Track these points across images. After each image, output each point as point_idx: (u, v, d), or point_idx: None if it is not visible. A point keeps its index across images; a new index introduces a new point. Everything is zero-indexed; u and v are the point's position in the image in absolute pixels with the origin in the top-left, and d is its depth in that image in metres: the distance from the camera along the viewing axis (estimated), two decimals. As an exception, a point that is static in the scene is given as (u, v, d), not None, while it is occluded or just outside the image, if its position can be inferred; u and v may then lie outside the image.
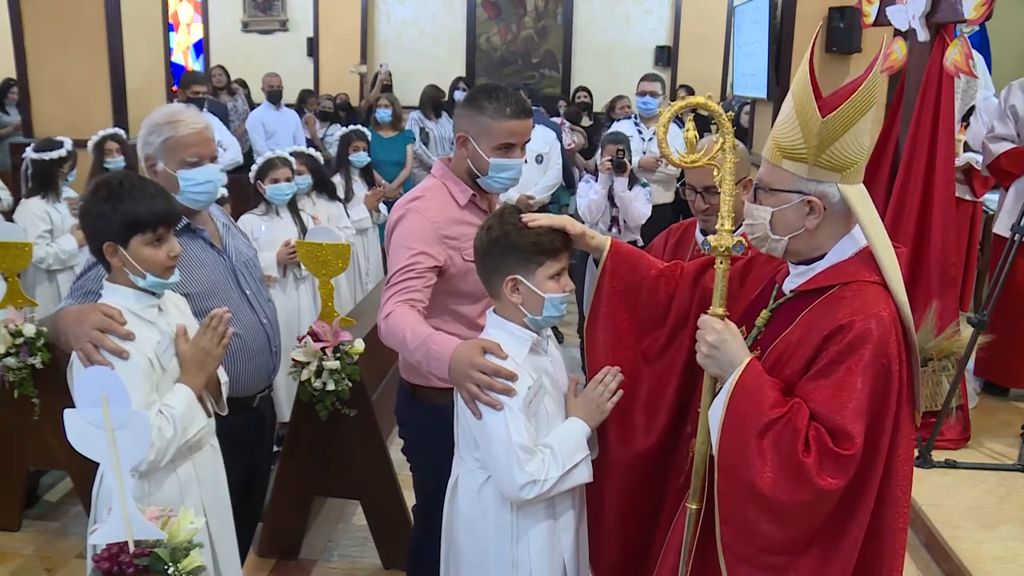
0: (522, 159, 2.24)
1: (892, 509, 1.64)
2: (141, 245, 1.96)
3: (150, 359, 1.97)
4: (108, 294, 2.02)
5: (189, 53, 10.44)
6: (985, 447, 3.74)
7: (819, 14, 5.27)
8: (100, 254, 1.99)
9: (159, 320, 2.04)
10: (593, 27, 10.81)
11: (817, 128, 1.61)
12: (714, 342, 1.69)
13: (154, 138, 2.32)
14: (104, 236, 1.96)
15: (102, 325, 1.90)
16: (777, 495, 1.56)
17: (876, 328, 1.56)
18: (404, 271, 2.14)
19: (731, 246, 1.72)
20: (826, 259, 1.70)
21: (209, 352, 2.06)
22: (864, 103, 1.61)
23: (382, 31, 11.13)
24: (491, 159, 2.18)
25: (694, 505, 1.79)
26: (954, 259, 3.73)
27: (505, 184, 2.25)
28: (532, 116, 2.23)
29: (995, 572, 2.89)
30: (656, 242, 2.56)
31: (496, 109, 2.15)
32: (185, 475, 2.07)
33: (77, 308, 2.01)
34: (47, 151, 4.38)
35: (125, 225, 1.94)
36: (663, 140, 1.76)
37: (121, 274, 2.00)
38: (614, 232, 4.74)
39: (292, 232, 3.97)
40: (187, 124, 2.32)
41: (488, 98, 2.17)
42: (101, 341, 1.89)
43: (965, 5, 3.36)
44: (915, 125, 3.65)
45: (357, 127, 5.48)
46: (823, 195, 1.65)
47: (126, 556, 1.77)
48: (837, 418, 1.55)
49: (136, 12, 5.79)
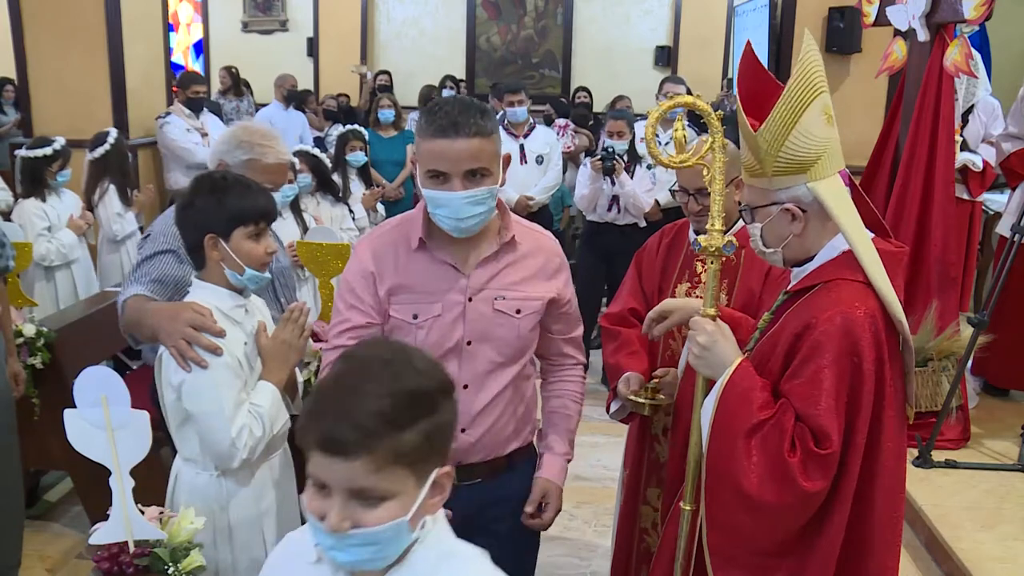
0: (462, 192, 1.71)
1: (878, 512, 1.63)
2: (243, 239, 1.94)
3: (239, 358, 1.95)
4: (198, 291, 1.99)
5: (189, 53, 10.43)
6: (985, 447, 3.74)
7: (819, 14, 5.27)
8: (196, 249, 1.96)
9: (245, 321, 2.01)
10: (593, 27, 10.80)
11: (755, 143, 1.65)
12: (705, 343, 1.69)
13: (239, 153, 2.32)
14: (206, 229, 1.92)
15: (196, 322, 1.87)
16: (763, 496, 1.56)
17: (842, 324, 1.56)
18: (338, 330, 1.88)
19: (721, 246, 1.73)
20: (815, 259, 1.70)
21: (291, 345, 2.03)
22: (799, 101, 1.61)
23: (382, 31, 11.13)
24: (424, 189, 1.76)
25: (688, 506, 1.79)
26: (954, 259, 3.73)
27: (448, 225, 1.77)
28: (472, 135, 1.70)
29: (995, 572, 2.89)
30: (650, 243, 2.56)
31: (423, 126, 1.73)
32: (262, 477, 2.02)
33: (170, 305, 2.00)
34: (37, 148, 4.38)
35: (230, 218, 1.92)
36: (651, 140, 1.76)
37: (216, 270, 1.97)
38: (615, 212, 4.70)
39: (294, 233, 3.96)
40: (275, 153, 2.35)
41: (426, 112, 1.76)
42: (196, 338, 1.86)
43: (965, 5, 3.36)
44: (915, 125, 3.66)
45: (354, 127, 5.48)
46: (796, 199, 1.66)
47: (126, 556, 1.78)
48: (813, 417, 1.56)
49: (136, 12, 5.79)
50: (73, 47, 5.57)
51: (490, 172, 1.76)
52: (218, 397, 1.86)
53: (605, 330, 2.43)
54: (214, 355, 1.87)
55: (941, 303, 3.59)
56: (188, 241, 1.98)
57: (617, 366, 2.30)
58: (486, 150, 1.74)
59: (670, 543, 1.87)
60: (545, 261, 1.93)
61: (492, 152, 1.76)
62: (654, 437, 2.34)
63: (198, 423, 1.90)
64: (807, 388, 1.57)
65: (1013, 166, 4.21)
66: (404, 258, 1.86)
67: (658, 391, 2.19)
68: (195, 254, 1.98)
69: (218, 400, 1.86)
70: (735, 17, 7.25)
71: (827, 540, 1.61)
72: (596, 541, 3.39)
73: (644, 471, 2.37)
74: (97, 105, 5.57)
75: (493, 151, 1.77)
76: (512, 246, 1.88)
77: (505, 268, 1.87)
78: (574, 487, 3.83)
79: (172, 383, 1.90)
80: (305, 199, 4.41)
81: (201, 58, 10.38)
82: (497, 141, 1.79)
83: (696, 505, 1.77)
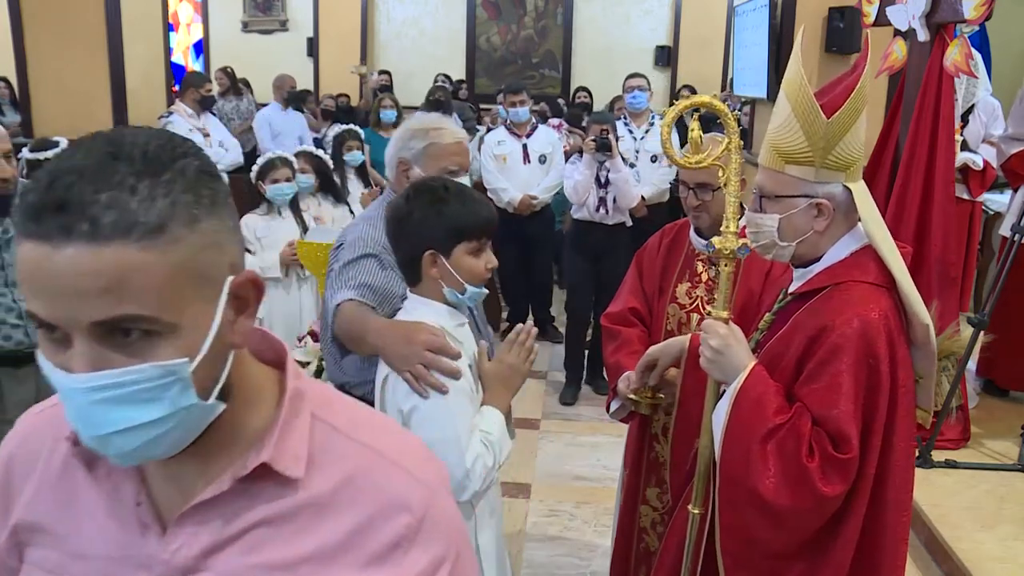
0: (84, 375, 0.73)
1: (890, 514, 1.63)
2: (464, 254, 1.79)
3: (471, 382, 1.82)
4: (418, 308, 1.84)
5: (189, 53, 10.44)
6: (985, 447, 3.74)
7: (819, 14, 5.27)
8: (412, 263, 1.82)
9: (467, 341, 1.87)
10: (593, 27, 10.81)
11: (823, 130, 1.60)
12: (718, 347, 1.67)
13: (415, 143, 2.24)
14: (426, 244, 1.78)
15: (433, 345, 1.74)
16: (779, 500, 1.55)
17: (860, 328, 1.56)
18: None
19: (736, 249, 1.69)
20: (822, 261, 1.69)
21: (517, 369, 1.87)
22: (862, 101, 1.62)
23: (382, 31, 11.13)
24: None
25: (697, 510, 1.77)
26: (954, 259, 3.73)
27: (89, 443, 0.80)
28: (94, 238, 0.70)
29: (995, 572, 2.89)
30: (650, 242, 2.56)
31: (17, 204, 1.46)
32: (480, 509, 1.88)
33: (398, 324, 1.85)
34: (41, 151, 4.37)
35: (452, 233, 1.77)
36: (667, 140, 1.73)
37: (433, 286, 1.82)
38: (602, 212, 4.71)
39: (294, 232, 3.97)
40: (451, 133, 2.26)
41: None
42: (436, 363, 1.73)
43: (965, 5, 3.36)
44: (915, 125, 3.65)
45: (350, 126, 5.48)
46: (831, 196, 1.64)
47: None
48: (832, 422, 1.55)
49: (136, 12, 5.79)
50: (73, 47, 5.56)
51: (166, 326, 0.74)
52: (454, 424, 1.72)
53: (606, 329, 2.43)
54: (453, 379, 1.74)
55: (941, 303, 3.55)
56: (403, 254, 1.84)
57: (617, 365, 2.29)
58: (148, 271, 0.72)
59: (673, 546, 1.86)
60: (368, 524, 0.86)
61: (167, 276, 0.73)
62: (654, 437, 2.33)
63: None
64: (825, 392, 1.56)
65: (1014, 167, 4.21)
66: (52, 467, 0.91)
67: (658, 390, 2.19)
68: (409, 268, 1.84)
69: (453, 427, 1.72)
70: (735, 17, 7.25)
71: (842, 541, 1.60)
72: (596, 541, 3.38)
73: (644, 471, 2.37)
74: (97, 105, 5.57)
75: (172, 272, 0.74)
76: (282, 484, 0.85)
77: (257, 530, 0.84)
78: (574, 487, 3.84)
79: (402, 409, 1.76)
80: (307, 199, 4.41)
81: (201, 58, 10.39)
82: (204, 242, 0.76)
83: (705, 509, 1.75)
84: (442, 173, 2.17)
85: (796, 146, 1.63)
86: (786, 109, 1.64)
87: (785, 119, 1.64)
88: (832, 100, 1.62)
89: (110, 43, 5.58)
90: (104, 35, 5.56)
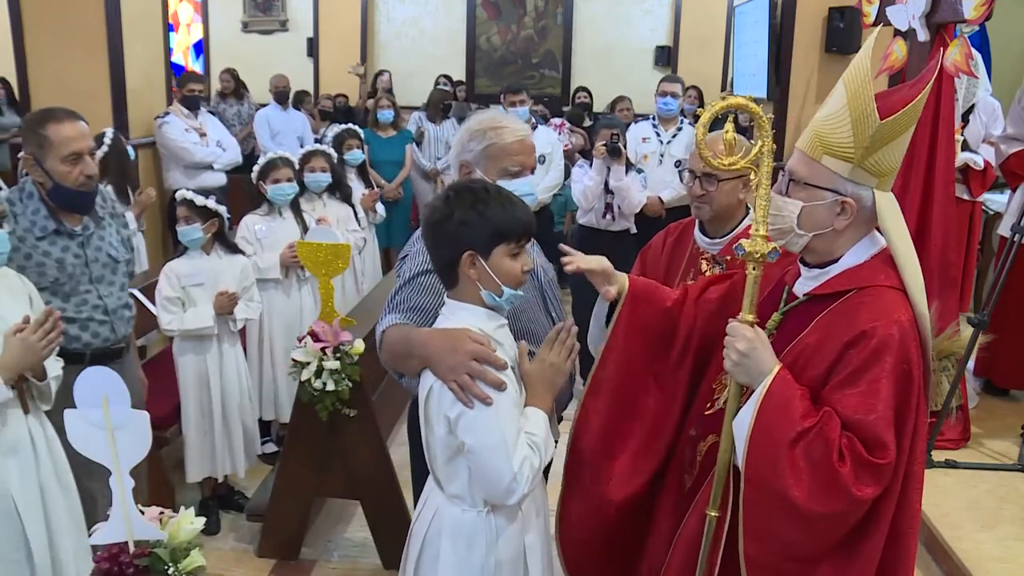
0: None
1: (907, 512, 1.64)
2: (503, 256, 1.79)
3: (515, 386, 1.82)
4: (457, 313, 1.84)
5: (189, 53, 10.43)
6: (985, 447, 3.74)
7: (819, 14, 5.27)
8: (450, 266, 1.81)
9: (507, 341, 1.87)
10: (593, 27, 10.80)
11: (873, 130, 1.58)
12: (744, 350, 1.65)
13: (475, 144, 2.17)
14: (466, 245, 1.77)
15: (478, 355, 1.74)
16: (811, 506, 1.54)
17: (898, 334, 1.56)
18: None
19: (766, 252, 1.66)
20: (840, 263, 1.68)
21: (558, 368, 1.86)
22: (916, 113, 1.61)
23: (382, 31, 11.12)
24: None
25: (714, 512, 1.75)
26: (954, 259, 3.73)
27: None
28: None
29: (995, 572, 2.90)
30: (655, 241, 2.56)
31: None
32: (526, 509, 1.88)
33: (443, 333, 1.82)
34: None
35: (493, 234, 1.77)
36: (702, 141, 1.70)
37: (470, 289, 1.82)
38: (608, 219, 4.73)
39: (294, 232, 3.96)
40: (511, 131, 2.17)
41: None
42: (482, 374, 1.73)
43: (965, 5, 3.36)
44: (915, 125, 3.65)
45: (349, 126, 5.48)
46: (858, 197, 1.64)
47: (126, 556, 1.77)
48: (868, 427, 1.54)
49: (136, 12, 5.79)
50: (73, 47, 5.56)
51: None
52: (500, 429, 1.72)
53: None
54: (498, 390, 1.73)
55: (941, 303, 3.58)
56: (441, 257, 1.83)
57: None
58: None
59: (685, 547, 1.85)
60: None
61: None
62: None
63: (476, 457, 1.74)
64: (863, 397, 1.55)
65: (1013, 167, 4.21)
66: None
67: None
68: (447, 271, 1.83)
69: (500, 432, 1.72)
70: (735, 17, 7.26)
71: (872, 543, 1.60)
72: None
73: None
74: (97, 105, 5.56)
75: None
76: None
77: None
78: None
79: (449, 415, 1.76)
80: (314, 199, 4.41)
81: (201, 58, 10.38)
82: None
83: (723, 512, 1.74)
84: (503, 175, 2.13)
85: (840, 139, 1.61)
86: (841, 100, 1.62)
87: (837, 110, 1.62)
88: (889, 104, 1.60)
89: (110, 43, 5.57)
90: (104, 35, 5.56)
